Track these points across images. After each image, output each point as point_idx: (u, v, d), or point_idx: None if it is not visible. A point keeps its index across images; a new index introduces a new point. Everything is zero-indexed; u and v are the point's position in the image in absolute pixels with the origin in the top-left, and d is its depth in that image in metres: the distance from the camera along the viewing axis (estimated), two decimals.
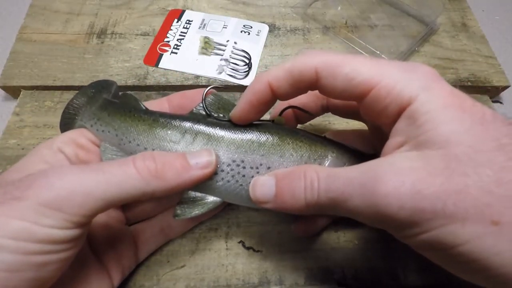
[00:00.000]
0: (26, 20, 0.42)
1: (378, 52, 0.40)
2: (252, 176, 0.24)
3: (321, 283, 0.28)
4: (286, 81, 0.22)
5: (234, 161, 0.24)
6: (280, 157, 0.25)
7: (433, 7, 0.44)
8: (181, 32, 0.42)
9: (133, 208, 0.29)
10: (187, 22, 0.43)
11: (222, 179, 0.24)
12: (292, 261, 0.29)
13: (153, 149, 0.24)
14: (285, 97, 0.23)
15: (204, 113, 0.26)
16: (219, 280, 0.28)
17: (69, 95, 0.36)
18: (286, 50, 0.41)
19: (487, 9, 0.49)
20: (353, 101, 0.22)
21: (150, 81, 0.38)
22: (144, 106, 0.27)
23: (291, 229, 0.30)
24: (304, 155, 0.25)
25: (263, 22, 0.44)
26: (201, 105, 0.26)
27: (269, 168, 0.24)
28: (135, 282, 0.28)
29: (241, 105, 0.24)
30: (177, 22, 0.43)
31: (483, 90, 0.40)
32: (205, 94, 0.26)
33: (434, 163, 0.17)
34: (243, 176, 0.24)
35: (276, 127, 0.26)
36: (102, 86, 0.29)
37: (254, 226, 0.30)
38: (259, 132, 0.25)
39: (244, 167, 0.24)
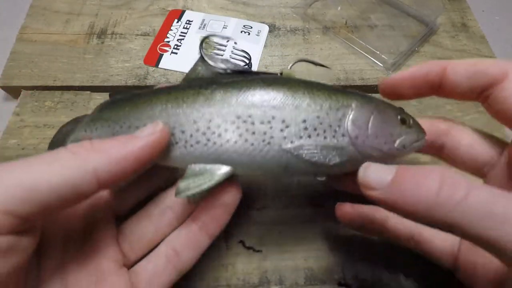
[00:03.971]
0: (26, 20, 0.42)
1: (378, 52, 0.40)
2: (265, 133, 0.21)
3: (321, 283, 0.28)
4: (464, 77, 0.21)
5: (238, 117, 0.21)
6: (296, 108, 0.21)
7: (433, 7, 0.44)
8: (181, 32, 0.42)
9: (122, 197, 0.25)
10: (187, 22, 0.43)
11: (228, 140, 0.21)
12: (292, 261, 0.29)
13: (145, 124, 0.22)
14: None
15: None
16: (219, 280, 0.28)
17: (69, 95, 0.36)
18: (286, 50, 0.41)
19: (487, 9, 0.49)
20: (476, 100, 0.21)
21: (150, 81, 0.38)
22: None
23: (291, 229, 0.30)
24: (323, 105, 0.22)
25: (263, 22, 0.44)
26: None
27: (283, 121, 0.21)
28: None
29: (396, 75, 0.23)
30: (177, 22, 0.43)
31: None
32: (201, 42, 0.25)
33: None
34: (253, 133, 0.21)
35: (285, 78, 0.23)
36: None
37: (254, 226, 0.30)
38: (267, 83, 0.22)
39: (252, 123, 0.21)
